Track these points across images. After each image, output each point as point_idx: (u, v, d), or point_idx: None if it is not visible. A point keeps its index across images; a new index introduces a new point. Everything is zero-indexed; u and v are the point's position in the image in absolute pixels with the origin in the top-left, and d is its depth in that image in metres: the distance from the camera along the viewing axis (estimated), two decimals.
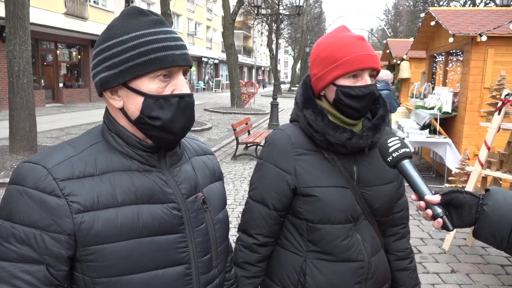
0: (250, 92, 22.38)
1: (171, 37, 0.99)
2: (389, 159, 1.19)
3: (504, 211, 1.04)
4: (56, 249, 0.92)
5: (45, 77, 19.64)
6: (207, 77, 43.52)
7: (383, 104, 1.44)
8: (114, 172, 0.99)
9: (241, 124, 9.98)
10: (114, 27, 1.00)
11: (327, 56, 1.35)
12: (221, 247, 1.16)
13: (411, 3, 40.87)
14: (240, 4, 20.82)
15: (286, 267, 1.41)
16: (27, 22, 7.67)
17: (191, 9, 36.20)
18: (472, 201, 1.09)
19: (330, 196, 1.34)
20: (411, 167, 1.17)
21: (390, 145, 1.20)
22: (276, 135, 1.44)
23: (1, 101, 15.67)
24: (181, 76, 1.02)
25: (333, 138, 1.33)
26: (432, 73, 9.74)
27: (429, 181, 7.50)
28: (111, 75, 0.98)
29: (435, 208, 1.09)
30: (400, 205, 1.56)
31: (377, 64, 1.33)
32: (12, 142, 7.92)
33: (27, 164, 0.95)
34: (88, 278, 0.96)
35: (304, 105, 1.39)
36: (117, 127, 1.03)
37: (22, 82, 7.69)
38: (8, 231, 0.91)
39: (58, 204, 0.91)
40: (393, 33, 47.67)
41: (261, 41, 63.61)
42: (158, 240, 1.00)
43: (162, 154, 1.07)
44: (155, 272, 1.00)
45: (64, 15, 18.77)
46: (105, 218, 0.95)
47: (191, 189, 1.09)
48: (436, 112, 7.10)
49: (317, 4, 52.54)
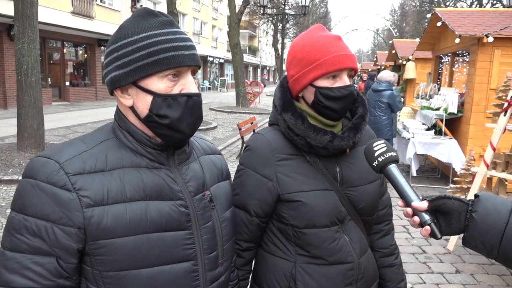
0: (255, 92, 22.40)
1: (180, 38, 1.02)
2: (375, 164, 1.16)
3: (494, 219, 1.01)
4: (66, 242, 0.95)
5: (52, 76, 19.76)
6: (212, 77, 43.57)
7: (361, 103, 1.42)
8: (124, 168, 1.02)
9: (247, 123, 9.99)
10: (125, 28, 1.03)
11: (304, 57, 1.32)
12: (227, 245, 1.18)
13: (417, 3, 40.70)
14: (246, 4, 20.82)
15: (275, 273, 1.39)
16: (35, 21, 7.73)
17: (197, 9, 36.26)
18: (460, 208, 1.05)
19: (314, 200, 1.32)
20: (397, 171, 1.14)
21: (375, 149, 1.17)
22: (256, 140, 1.40)
23: (10, 99, 15.78)
24: (189, 76, 1.04)
25: (314, 141, 1.31)
26: (438, 73, 9.72)
27: (434, 182, 7.49)
28: (121, 74, 1.01)
29: (423, 215, 1.05)
30: (383, 202, 1.55)
31: (354, 64, 1.32)
32: (20, 139, 7.99)
33: (40, 159, 0.98)
34: (96, 271, 0.99)
35: (283, 109, 1.36)
36: (127, 125, 1.06)
37: (30, 80, 7.75)
38: (21, 223, 0.94)
39: (69, 198, 0.94)
40: (399, 34, 47.47)
41: (267, 41, 63.59)
42: (166, 236, 1.02)
43: (171, 152, 1.09)
44: (162, 268, 1.02)
45: (71, 14, 18.87)
46: (114, 213, 0.97)
47: (198, 187, 1.12)
48: (442, 113, 7.08)
49: (322, 4, 52.48)
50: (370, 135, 1.48)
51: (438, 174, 7.96)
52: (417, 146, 6.85)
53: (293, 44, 1.40)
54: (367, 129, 1.49)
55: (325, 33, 1.34)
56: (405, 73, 12.58)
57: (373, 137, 1.50)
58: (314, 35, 1.34)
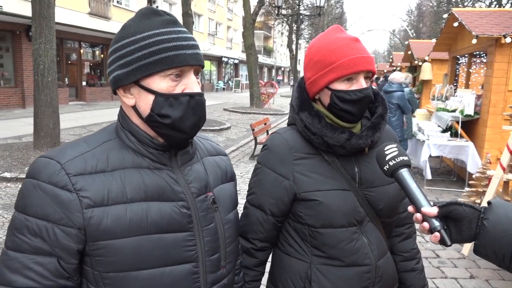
0: (270, 93, 22.36)
1: (183, 37, 1.01)
2: (386, 168, 1.15)
3: (506, 227, 0.98)
4: (66, 242, 0.95)
5: (69, 76, 20.06)
6: (227, 77, 43.69)
7: (381, 102, 1.41)
8: (125, 169, 1.01)
9: (260, 124, 9.98)
10: (128, 27, 1.03)
11: (320, 59, 1.31)
12: (230, 247, 1.17)
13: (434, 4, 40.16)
14: (260, 5, 20.82)
15: (291, 274, 1.38)
16: (52, 22, 7.85)
17: (212, 9, 36.41)
18: (472, 215, 1.01)
19: (331, 199, 1.31)
20: (409, 176, 1.11)
21: (387, 153, 1.16)
22: (273, 139, 1.40)
23: (28, 99, 16.08)
24: (192, 76, 1.03)
25: (331, 140, 1.30)
26: (454, 75, 9.56)
27: (450, 185, 7.37)
28: (123, 73, 1.01)
29: (433, 221, 1.02)
30: (405, 205, 1.51)
31: (371, 66, 1.30)
32: (36, 138, 8.13)
33: (43, 159, 0.98)
34: (97, 272, 0.99)
35: (300, 108, 1.36)
36: (130, 125, 1.05)
37: (47, 80, 7.88)
38: (22, 223, 0.95)
39: (69, 198, 0.94)
40: (416, 34, 46.92)
41: (282, 42, 63.49)
42: (166, 238, 1.02)
43: (174, 152, 1.08)
44: (162, 269, 1.01)
45: (88, 15, 19.14)
46: (114, 214, 0.97)
47: (201, 188, 1.11)
48: (458, 115, 6.97)
49: (338, 5, 52.19)
50: (390, 135, 1.47)
51: (454, 177, 7.82)
52: (432, 148, 6.74)
53: (310, 46, 1.39)
54: (388, 129, 1.47)
55: (342, 34, 1.33)
56: (421, 74, 12.42)
57: (393, 137, 1.49)
58: (331, 37, 1.33)
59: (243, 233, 1.43)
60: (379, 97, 1.42)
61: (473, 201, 4.60)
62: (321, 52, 1.32)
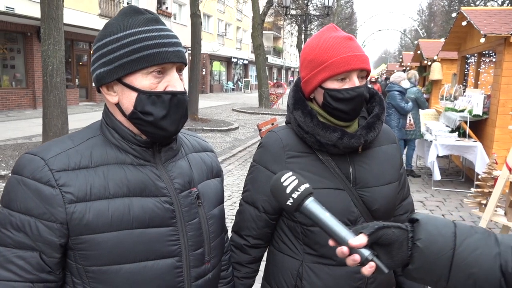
0: (278, 93, 22.36)
1: (164, 35, 1.02)
2: (290, 202, 0.99)
3: (441, 245, 0.88)
4: (49, 237, 0.96)
5: (79, 77, 20.28)
6: (236, 78, 43.79)
7: (379, 102, 1.40)
8: (108, 165, 1.03)
9: (267, 124, 9.96)
10: (110, 25, 1.04)
11: (313, 58, 1.32)
12: (214, 242, 1.18)
13: (446, 3, 39.82)
14: (269, 5, 20.83)
15: (283, 271, 1.39)
16: (60, 23, 7.94)
17: (221, 10, 36.52)
18: (401, 236, 0.91)
19: (324, 198, 1.27)
20: (319, 206, 0.98)
21: (285, 184, 1.00)
22: (268, 138, 1.42)
23: (38, 99, 16.29)
24: (174, 73, 1.04)
25: (323, 139, 1.30)
26: (463, 74, 9.47)
27: (458, 185, 7.29)
28: (106, 71, 1.02)
29: (362, 252, 0.91)
30: (404, 207, 1.52)
31: (365, 64, 1.29)
32: (45, 138, 8.23)
33: (27, 156, 1.00)
34: (80, 266, 1.01)
35: (294, 107, 1.37)
36: (114, 122, 1.07)
37: (55, 81, 7.97)
38: (6, 218, 0.97)
39: (52, 193, 0.96)
40: (427, 34, 46.53)
41: (291, 42, 63.43)
42: (149, 232, 1.03)
43: (157, 149, 1.10)
44: (145, 263, 1.03)
45: (99, 16, 19.35)
46: (97, 209, 0.98)
47: (184, 184, 1.12)
48: (466, 115, 6.89)
49: (348, 5, 51.99)
50: (388, 136, 1.46)
51: (463, 177, 7.74)
52: (440, 149, 6.68)
53: (305, 45, 1.40)
54: (386, 129, 1.46)
55: (336, 33, 1.33)
56: (430, 74, 12.31)
57: (392, 138, 1.48)
58: (325, 36, 1.33)
59: (237, 229, 1.45)
60: (377, 97, 1.42)
61: (478, 202, 4.55)
62: (314, 51, 1.32)
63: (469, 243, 0.89)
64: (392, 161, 1.44)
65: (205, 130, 12.78)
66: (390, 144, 1.46)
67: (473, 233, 0.91)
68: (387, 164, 1.41)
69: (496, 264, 0.86)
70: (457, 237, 0.89)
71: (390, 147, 1.46)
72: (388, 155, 1.43)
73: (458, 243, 0.89)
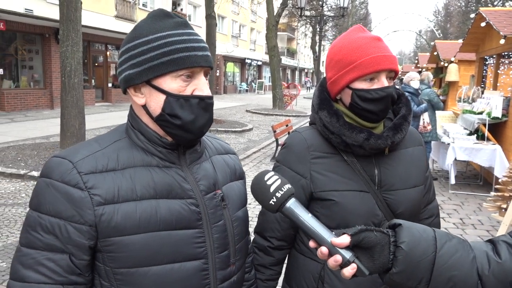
0: (292, 94, 22.32)
1: (194, 39, 1.03)
2: (273, 202, 0.98)
3: (423, 248, 0.89)
4: (78, 239, 0.97)
5: (95, 77, 20.54)
6: (250, 79, 43.83)
7: (405, 104, 1.39)
8: (135, 168, 1.04)
9: (282, 125, 9.97)
10: (140, 28, 1.05)
11: (341, 59, 1.31)
12: (239, 244, 1.18)
13: (462, 4, 39.29)
14: (283, 6, 20.81)
15: (304, 273, 1.38)
16: (79, 25, 8.06)
17: (235, 11, 36.61)
18: (383, 240, 0.91)
19: (348, 200, 1.30)
20: (300, 206, 0.97)
21: (269, 183, 0.99)
22: (292, 138, 1.41)
23: (56, 100, 16.55)
24: (202, 77, 1.05)
25: (349, 139, 1.29)
26: (482, 76, 9.32)
27: (476, 189, 7.17)
28: (135, 72, 1.03)
29: (343, 254, 0.90)
30: (430, 210, 1.50)
31: (393, 65, 1.28)
32: (62, 138, 8.35)
33: (56, 159, 1.01)
34: (108, 268, 1.01)
35: (319, 107, 1.36)
36: (140, 124, 1.08)
37: (73, 81, 8.09)
38: (36, 220, 0.98)
39: (81, 196, 0.97)
40: (443, 35, 45.94)
41: (305, 43, 63.23)
42: (176, 234, 1.03)
43: (182, 151, 1.10)
44: (171, 265, 1.03)
45: (115, 17, 19.58)
46: (124, 211, 0.99)
47: (209, 186, 1.12)
48: (485, 117, 6.78)
49: (363, 5, 51.65)
50: (415, 138, 1.45)
51: (481, 181, 7.61)
52: (458, 152, 6.58)
53: (332, 46, 1.39)
54: (413, 131, 1.45)
55: (364, 34, 1.32)
56: (447, 75, 12.15)
57: (418, 140, 1.46)
58: (352, 37, 1.32)
59: (260, 231, 1.44)
60: (403, 98, 1.41)
61: (498, 206, 4.47)
62: (342, 52, 1.31)
63: (449, 246, 0.91)
64: (418, 164, 1.42)
65: (219, 131, 12.82)
66: (416, 146, 1.44)
67: (451, 238, 0.94)
68: (413, 167, 1.40)
69: (474, 267, 0.89)
70: (438, 240, 0.91)
71: (416, 149, 1.44)
72: (414, 158, 1.41)
73: (439, 246, 0.90)
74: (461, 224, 5.50)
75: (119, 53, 1.10)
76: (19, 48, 16.19)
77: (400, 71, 36.15)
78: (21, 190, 6.31)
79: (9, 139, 9.80)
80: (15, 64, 16.22)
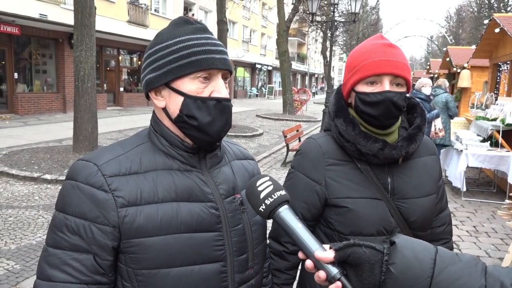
0: (303, 99, 22.32)
1: (211, 43, 1.06)
2: (262, 208, 0.94)
3: (417, 272, 0.81)
4: (102, 240, 0.99)
5: (107, 82, 20.76)
6: (260, 84, 43.93)
7: (420, 113, 1.40)
8: (157, 171, 1.06)
9: (292, 130, 9.97)
10: (161, 34, 1.09)
11: (349, 63, 1.36)
12: (257, 248, 1.18)
13: (475, 9, 39.02)
14: (295, 12, 20.87)
15: None
16: (93, 30, 8.17)
17: (246, 17, 36.79)
18: (374, 258, 0.84)
19: (361, 207, 1.31)
20: (292, 215, 0.93)
21: (260, 189, 0.95)
22: (307, 144, 1.43)
23: (68, 104, 16.76)
24: (220, 79, 1.07)
25: (364, 148, 1.30)
26: (495, 82, 9.23)
27: (489, 196, 7.09)
28: (155, 76, 1.06)
29: (329, 269, 0.85)
30: (442, 219, 1.50)
31: (396, 70, 1.27)
32: (75, 142, 8.45)
33: (81, 162, 1.04)
34: (130, 269, 1.03)
35: (336, 114, 1.38)
36: (162, 128, 1.10)
37: (87, 86, 8.19)
38: (62, 221, 1.00)
39: (105, 198, 0.99)
40: (455, 41, 45.62)
41: (316, 48, 63.30)
42: (196, 237, 1.05)
43: (203, 155, 1.12)
44: (192, 267, 1.04)
45: (127, 23, 19.80)
46: (147, 213, 1.01)
47: (229, 190, 1.13)
48: (499, 124, 6.71)
49: (374, 11, 51.54)
50: (428, 147, 1.45)
51: (494, 188, 7.53)
52: (470, 159, 6.52)
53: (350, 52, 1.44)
54: (427, 141, 1.46)
55: (378, 41, 1.34)
56: (459, 81, 12.06)
57: (433, 149, 1.47)
58: (366, 43, 1.36)
59: (275, 236, 1.45)
60: (418, 108, 1.42)
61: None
62: (352, 57, 1.36)
63: (450, 271, 0.81)
64: (432, 173, 1.42)
65: (229, 136, 12.85)
66: (429, 156, 1.45)
67: (457, 261, 0.83)
68: (426, 176, 1.40)
69: None
70: (437, 264, 0.82)
71: (430, 159, 1.44)
72: (428, 167, 1.42)
73: (437, 271, 0.81)
74: (474, 231, 5.44)
75: (142, 60, 1.13)
76: (33, 53, 16.46)
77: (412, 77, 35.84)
78: (34, 192, 6.39)
79: (23, 142, 9.94)
80: (29, 68, 16.49)
